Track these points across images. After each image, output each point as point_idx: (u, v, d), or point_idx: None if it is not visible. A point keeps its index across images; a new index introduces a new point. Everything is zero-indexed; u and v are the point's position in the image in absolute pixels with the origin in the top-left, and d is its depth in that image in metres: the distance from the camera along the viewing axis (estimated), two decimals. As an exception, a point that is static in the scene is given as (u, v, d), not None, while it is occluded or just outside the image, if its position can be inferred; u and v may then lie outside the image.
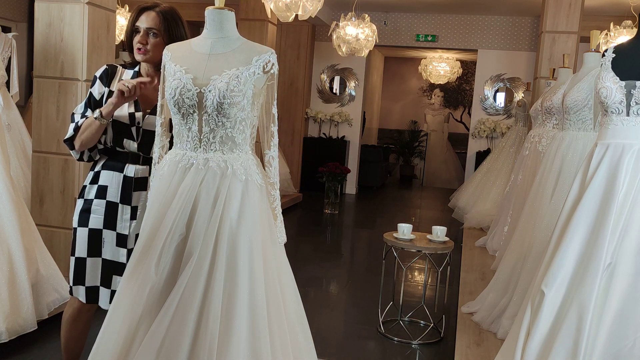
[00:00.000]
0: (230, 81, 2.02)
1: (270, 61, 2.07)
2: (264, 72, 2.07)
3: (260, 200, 2.04)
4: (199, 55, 2.12)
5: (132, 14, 2.35)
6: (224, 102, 2.00)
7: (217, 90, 2.00)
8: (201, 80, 2.05)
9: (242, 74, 2.03)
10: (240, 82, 2.02)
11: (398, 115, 13.90)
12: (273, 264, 2.06)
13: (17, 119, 4.71)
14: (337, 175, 7.69)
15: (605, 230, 2.12)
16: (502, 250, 4.42)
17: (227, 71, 2.04)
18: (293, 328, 2.12)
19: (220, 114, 2.02)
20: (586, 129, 3.57)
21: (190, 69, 2.08)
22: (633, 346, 2.01)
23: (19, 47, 5.21)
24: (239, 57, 2.08)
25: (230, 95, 2.01)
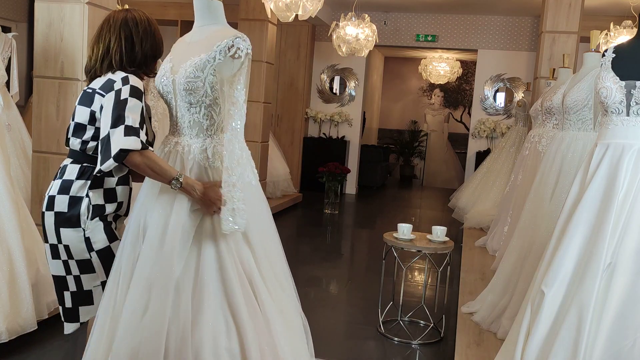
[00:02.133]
0: (190, 68, 2.07)
1: (234, 46, 2.05)
2: (232, 58, 2.05)
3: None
4: (182, 44, 2.23)
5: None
6: (186, 88, 2.08)
7: (181, 78, 2.08)
8: (176, 68, 2.13)
9: (201, 61, 2.06)
10: (198, 68, 2.06)
11: (398, 115, 13.90)
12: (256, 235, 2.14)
13: (17, 119, 4.71)
14: (337, 175, 7.69)
15: (605, 230, 2.12)
16: (502, 250, 4.42)
17: (192, 58, 2.09)
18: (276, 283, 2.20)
19: (186, 100, 2.10)
20: (586, 129, 3.56)
21: (173, 58, 2.19)
22: (633, 346, 2.01)
23: (19, 47, 5.21)
24: (206, 44, 2.10)
25: (188, 82, 2.07)
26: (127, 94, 2.04)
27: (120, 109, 2.01)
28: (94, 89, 2.13)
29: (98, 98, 2.11)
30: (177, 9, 8.73)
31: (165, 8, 8.72)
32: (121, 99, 2.03)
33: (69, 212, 2.12)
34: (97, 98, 2.11)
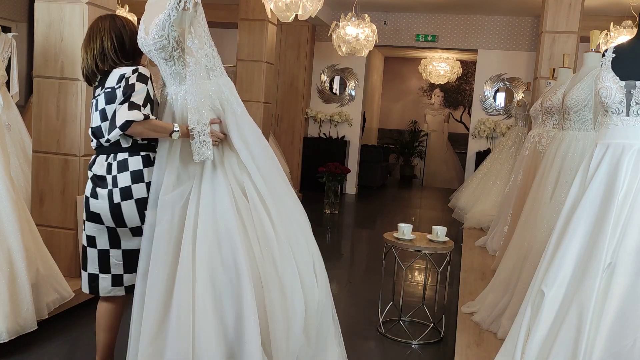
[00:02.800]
0: (154, 29, 2.36)
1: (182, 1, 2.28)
2: (183, 10, 2.29)
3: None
4: (149, 6, 2.49)
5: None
6: (156, 48, 2.39)
7: (150, 40, 2.39)
8: (147, 29, 2.42)
9: (160, 21, 2.33)
10: (159, 28, 2.34)
11: (398, 115, 13.89)
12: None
13: (17, 119, 4.71)
14: (337, 175, 7.69)
15: (605, 230, 2.12)
16: (502, 250, 4.42)
17: (155, 19, 2.36)
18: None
19: (160, 57, 2.42)
20: (586, 129, 3.56)
21: (145, 20, 2.46)
22: (633, 346, 2.01)
23: (19, 47, 5.21)
24: (162, 4, 2.35)
25: (156, 42, 2.37)
26: (135, 80, 2.36)
27: (127, 90, 2.34)
28: (113, 87, 2.41)
29: (117, 90, 2.40)
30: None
31: (165, 8, 8.72)
32: (129, 83, 2.36)
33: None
34: (117, 91, 2.39)
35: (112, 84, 2.41)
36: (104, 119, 2.41)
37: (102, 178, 2.45)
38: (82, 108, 3.80)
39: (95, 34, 2.49)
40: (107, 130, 2.37)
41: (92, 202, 2.46)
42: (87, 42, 2.51)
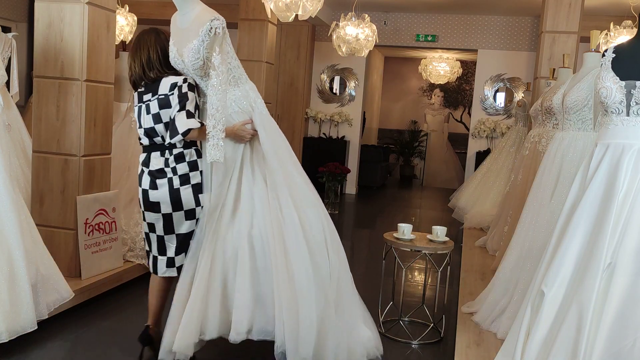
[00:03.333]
0: (190, 54, 2.77)
1: (213, 27, 2.70)
2: (214, 35, 2.71)
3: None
4: (178, 30, 2.87)
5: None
6: (193, 68, 2.81)
7: (187, 63, 2.80)
8: (180, 51, 2.83)
9: (194, 46, 2.74)
10: (195, 52, 2.75)
11: (398, 115, 13.90)
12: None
13: (17, 119, 4.70)
14: (337, 175, 7.68)
15: (605, 230, 2.12)
16: (502, 250, 4.42)
17: (188, 45, 2.77)
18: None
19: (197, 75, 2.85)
20: (586, 129, 3.56)
21: (176, 42, 2.86)
22: (633, 346, 2.00)
23: (19, 47, 5.21)
24: (194, 30, 2.76)
25: (193, 64, 2.79)
26: (186, 89, 2.78)
27: (182, 98, 2.76)
28: (166, 94, 2.82)
29: (170, 98, 2.80)
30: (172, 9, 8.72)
31: (165, 8, 8.72)
32: (182, 92, 2.77)
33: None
34: (171, 98, 2.80)
35: (164, 92, 2.81)
36: (157, 122, 2.83)
37: (160, 170, 2.86)
38: (82, 108, 3.80)
39: (142, 45, 2.89)
40: (163, 133, 2.83)
41: (151, 193, 2.87)
42: (135, 52, 2.90)
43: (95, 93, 3.89)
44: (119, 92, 5.24)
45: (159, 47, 2.89)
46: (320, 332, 2.72)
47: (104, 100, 3.98)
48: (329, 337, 2.74)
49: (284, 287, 2.72)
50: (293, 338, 2.67)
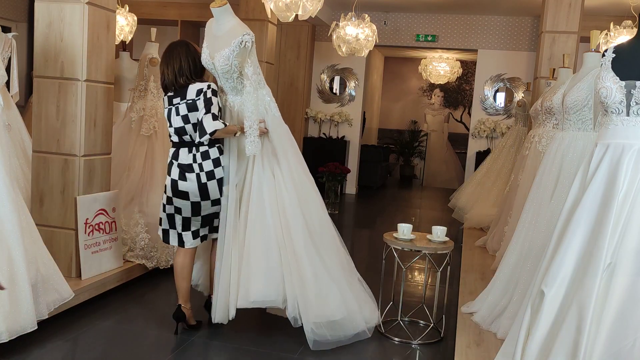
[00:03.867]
0: (221, 59, 3.28)
1: (243, 41, 3.24)
2: (243, 47, 3.25)
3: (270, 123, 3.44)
4: (212, 37, 3.38)
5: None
6: (222, 72, 3.32)
7: (218, 66, 3.31)
8: (212, 54, 3.34)
9: (226, 53, 3.26)
10: (225, 58, 3.27)
11: (398, 115, 13.90)
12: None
13: (17, 119, 4.70)
14: (337, 175, 7.68)
15: (605, 230, 2.12)
16: (502, 250, 4.42)
17: (220, 51, 3.28)
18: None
19: (224, 77, 3.36)
20: (586, 129, 3.56)
21: (209, 46, 3.38)
22: (633, 346, 2.00)
23: (19, 47, 5.21)
24: (227, 40, 3.27)
25: (222, 67, 3.30)
26: (210, 94, 3.26)
27: (208, 103, 3.22)
28: (193, 99, 3.28)
29: (197, 102, 3.26)
30: (177, 9, 8.73)
31: (165, 8, 8.73)
32: (207, 97, 3.24)
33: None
34: (197, 102, 3.26)
35: (192, 97, 3.28)
36: (186, 122, 3.30)
37: (188, 166, 3.32)
38: (82, 108, 3.80)
39: (174, 55, 3.35)
40: (191, 132, 3.30)
41: (180, 184, 3.32)
42: (167, 60, 3.35)
43: (95, 93, 3.89)
44: (119, 92, 5.24)
45: (189, 58, 3.35)
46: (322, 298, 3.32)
47: (104, 100, 3.98)
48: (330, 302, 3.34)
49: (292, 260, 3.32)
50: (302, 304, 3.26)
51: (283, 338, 3.54)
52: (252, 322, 3.79)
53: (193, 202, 3.35)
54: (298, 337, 3.42)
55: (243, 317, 3.80)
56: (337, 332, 3.38)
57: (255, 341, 3.52)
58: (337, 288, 3.40)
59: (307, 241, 3.38)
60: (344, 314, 3.37)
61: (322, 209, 3.58)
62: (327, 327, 3.33)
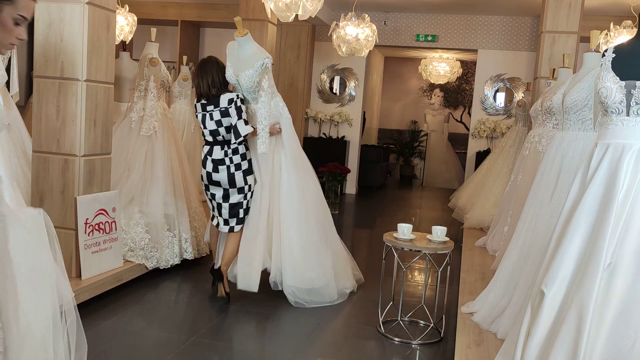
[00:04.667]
0: (246, 78, 4.01)
1: (264, 64, 3.99)
2: (265, 68, 4.01)
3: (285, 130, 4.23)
4: (236, 59, 4.08)
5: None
6: (246, 88, 4.07)
7: (243, 83, 4.06)
8: (236, 72, 4.05)
9: (250, 73, 3.99)
10: (250, 77, 4.00)
11: (398, 115, 13.90)
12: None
13: (17, 119, 4.70)
14: (337, 175, 7.68)
15: (605, 230, 2.12)
16: (502, 250, 4.42)
17: (244, 72, 4.01)
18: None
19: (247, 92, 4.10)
20: (586, 129, 3.56)
21: (233, 66, 4.07)
22: (633, 346, 2.00)
23: (19, 47, 5.21)
24: (250, 62, 4.01)
25: (246, 85, 4.04)
26: (240, 103, 3.99)
27: (239, 111, 3.97)
28: (226, 107, 3.98)
29: (230, 110, 3.97)
30: (177, 9, 8.73)
31: (165, 8, 8.73)
32: (238, 106, 3.97)
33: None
34: (230, 110, 3.97)
35: (224, 105, 3.98)
36: (219, 126, 3.99)
37: (221, 160, 4.02)
38: (82, 108, 3.80)
39: (208, 70, 4.02)
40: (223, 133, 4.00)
41: (214, 175, 4.04)
42: (202, 74, 4.01)
43: (95, 93, 3.89)
44: (119, 92, 5.24)
45: (219, 73, 4.02)
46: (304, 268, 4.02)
47: (104, 100, 3.98)
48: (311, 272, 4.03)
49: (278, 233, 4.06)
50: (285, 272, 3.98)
51: (286, 338, 3.54)
52: (252, 322, 3.80)
53: (224, 189, 4.06)
54: (309, 335, 3.39)
55: (243, 316, 3.80)
56: (315, 298, 4.08)
57: (254, 340, 3.51)
58: (319, 260, 4.10)
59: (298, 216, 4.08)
60: (322, 283, 4.10)
61: (316, 187, 4.29)
62: (307, 293, 4.05)
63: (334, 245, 4.33)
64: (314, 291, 4.06)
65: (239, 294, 4.07)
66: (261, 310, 3.96)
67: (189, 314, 3.98)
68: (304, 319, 3.88)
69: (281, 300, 4.04)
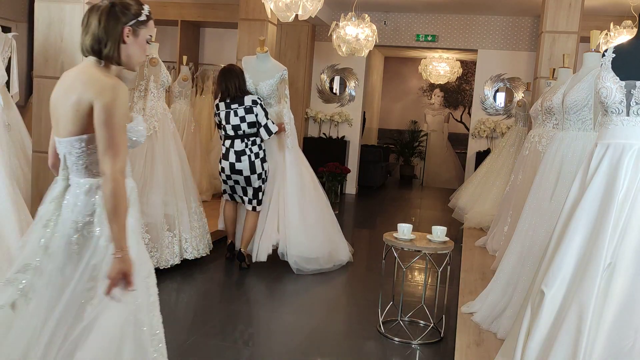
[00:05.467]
0: (266, 87, 4.96)
1: (282, 74, 5.01)
2: (283, 79, 5.01)
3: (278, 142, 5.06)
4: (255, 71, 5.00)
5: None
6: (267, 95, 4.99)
7: (262, 92, 4.97)
8: (255, 82, 4.97)
9: (270, 82, 4.97)
10: (270, 86, 4.97)
11: (398, 115, 13.89)
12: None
13: (17, 119, 4.71)
14: (337, 175, 7.68)
15: (605, 230, 2.12)
16: (502, 250, 4.42)
17: (264, 81, 4.96)
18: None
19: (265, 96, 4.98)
20: (586, 129, 3.56)
21: (252, 77, 4.97)
22: (633, 346, 2.01)
23: (19, 47, 5.21)
24: (270, 74, 4.99)
25: (267, 92, 4.97)
26: (263, 104, 4.79)
27: (265, 112, 4.77)
28: (251, 106, 4.70)
29: (255, 109, 4.71)
30: (177, 9, 8.72)
31: (165, 8, 8.72)
32: (263, 107, 4.76)
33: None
34: (255, 109, 4.71)
35: (249, 104, 4.70)
36: (242, 122, 4.71)
37: (242, 151, 4.73)
38: (82, 108, 3.79)
39: (233, 75, 4.75)
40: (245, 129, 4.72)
41: (237, 165, 4.73)
42: (229, 77, 4.73)
43: (95, 93, 3.88)
44: (119, 92, 5.23)
45: (241, 77, 4.79)
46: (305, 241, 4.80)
47: (104, 100, 3.98)
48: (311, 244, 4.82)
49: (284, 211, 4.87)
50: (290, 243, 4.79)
51: (286, 338, 3.53)
52: (253, 323, 3.80)
53: (246, 176, 4.76)
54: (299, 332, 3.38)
55: (244, 318, 3.80)
56: (313, 266, 4.81)
57: (254, 341, 3.51)
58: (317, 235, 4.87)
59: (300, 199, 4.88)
60: (319, 254, 4.84)
61: (310, 175, 5.12)
62: (306, 262, 4.78)
63: (329, 223, 5.09)
64: (312, 260, 4.80)
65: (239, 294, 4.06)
66: (263, 313, 3.96)
67: (189, 314, 3.98)
68: (305, 319, 3.88)
69: (282, 302, 4.04)
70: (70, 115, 1.98)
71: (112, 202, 1.89)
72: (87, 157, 2.01)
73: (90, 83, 1.96)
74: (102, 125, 1.91)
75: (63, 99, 2.03)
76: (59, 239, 1.99)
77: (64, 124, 2.03)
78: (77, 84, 1.99)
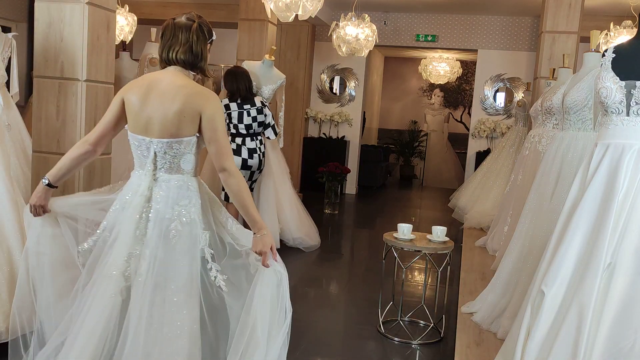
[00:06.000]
0: (268, 90, 5.56)
1: (283, 82, 5.67)
2: (282, 85, 5.66)
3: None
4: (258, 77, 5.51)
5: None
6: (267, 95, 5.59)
7: (265, 94, 5.57)
8: (259, 86, 5.52)
9: (271, 86, 5.57)
10: (271, 89, 5.58)
11: (398, 115, 13.89)
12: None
13: (17, 119, 4.70)
14: (337, 175, 7.68)
15: (605, 230, 2.12)
16: (502, 250, 4.42)
17: (268, 86, 5.58)
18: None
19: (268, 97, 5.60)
20: (586, 129, 3.56)
21: (255, 80, 5.37)
22: (633, 346, 2.01)
23: (19, 47, 5.21)
24: (273, 80, 5.59)
25: (268, 94, 5.58)
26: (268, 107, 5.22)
27: (272, 113, 5.18)
28: (261, 106, 5.05)
29: (265, 110, 5.07)
30: (177, 9, 8.72)
31: (165, 8, 8.73)
32: (269, 109, 5.16)
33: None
34: (265, 110, 5.07)
35: (259, 105, 5.05)
36: (254, 121, 5.02)
37: (254, 149, 5.04)
38: (82, 108, 3.79)
39: (242, 77, 5.00)
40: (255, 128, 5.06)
41: (249, 161, 5.00)
42: (239, 79, 4.97)
43: (95, 93, 3.89)
44: (119, 92, 5.23)
45: (249, 80, 5.05)
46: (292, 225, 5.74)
47: (104, 100, 3.98)
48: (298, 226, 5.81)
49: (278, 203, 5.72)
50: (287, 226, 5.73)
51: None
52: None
53: (252, 171, 5.08)
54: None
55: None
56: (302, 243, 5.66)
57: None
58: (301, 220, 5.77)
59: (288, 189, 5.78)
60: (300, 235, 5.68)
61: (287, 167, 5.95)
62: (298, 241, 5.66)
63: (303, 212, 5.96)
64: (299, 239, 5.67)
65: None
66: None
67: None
68: (305, 319, 3.88)
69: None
70: (174, 121, 2.21)
71: (242, 193, 2.21)
72: (181, 157, 2.26)
73: (194, 94, 2.23)
74: (214, 130, 2.21)
75: (159, 104, 2.23)
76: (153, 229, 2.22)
77: (162, 127, 2.23)
78: (178, 94, 2.22)
